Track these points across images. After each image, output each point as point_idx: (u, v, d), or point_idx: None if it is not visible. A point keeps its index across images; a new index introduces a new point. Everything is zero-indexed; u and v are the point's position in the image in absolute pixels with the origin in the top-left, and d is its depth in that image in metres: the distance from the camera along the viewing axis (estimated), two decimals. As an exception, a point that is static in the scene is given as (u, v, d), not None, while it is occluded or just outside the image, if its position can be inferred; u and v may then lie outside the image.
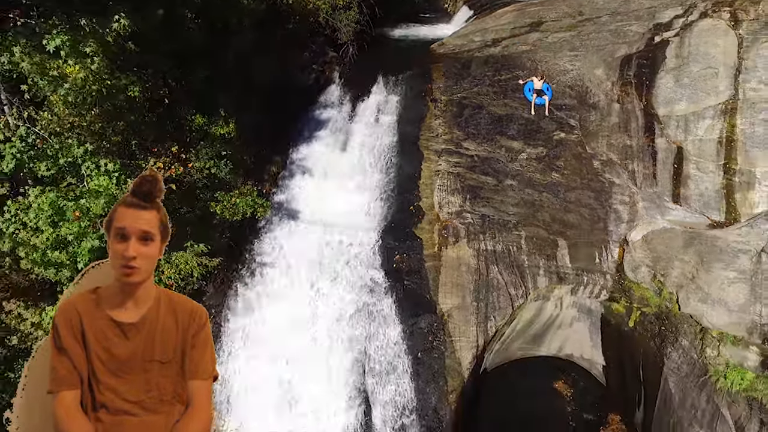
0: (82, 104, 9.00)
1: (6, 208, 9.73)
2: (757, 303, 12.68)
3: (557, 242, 14.06)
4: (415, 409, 12.17)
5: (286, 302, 12.61)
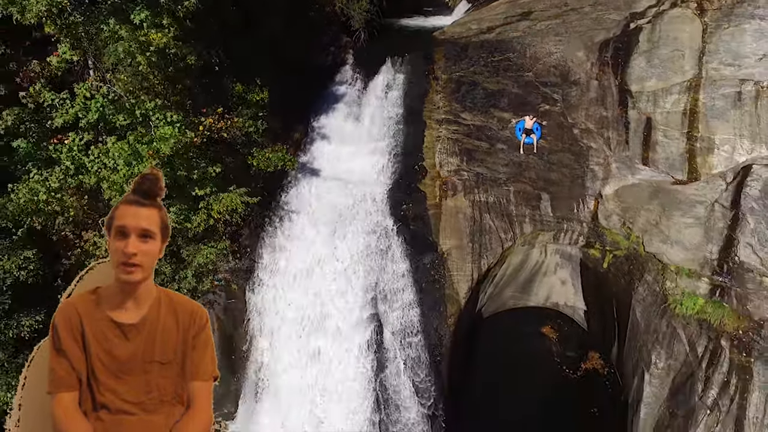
0: (163, 65, 11.36)
1: (90, 151, 12.13)
2: (709, 243, 14.97)
3: (541, 196, 16.41)
4: (419, 330, 14.51)
5: (310, 242, 14.95)
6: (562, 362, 17.85)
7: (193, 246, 13.95)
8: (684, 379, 14.12)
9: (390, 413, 13.71)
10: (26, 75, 11.43)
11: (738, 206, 15.17)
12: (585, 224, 16.24)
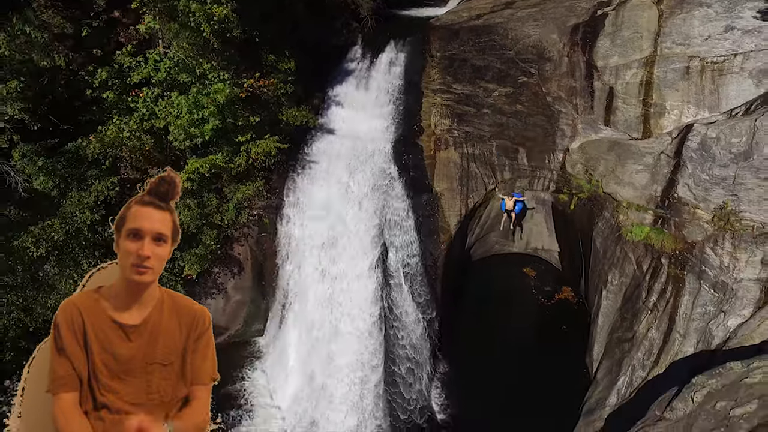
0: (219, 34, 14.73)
1: (159, 102, 15.55)
2: (655, 184, 18.28)
3: (518, 149, 19.78)
4: (417, 253, 17.85)
5: (327, 184, 18.29)
6: (539, 294, 21.18)
7: (233, 185, 17.35)
8: (632, 290, 17.42)
9: (394, 318, 17.05)
10: (127, 37, 14.83)
11: (680, 156, 18.46)
12: (555, 172, 19.59)
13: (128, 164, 15.35)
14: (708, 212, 17.39)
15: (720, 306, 16.08)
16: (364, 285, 17.06)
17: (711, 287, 16.37)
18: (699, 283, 16.53)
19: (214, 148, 16.51)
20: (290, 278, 17.94)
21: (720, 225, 17.14)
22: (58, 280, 14.25)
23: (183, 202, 16.35)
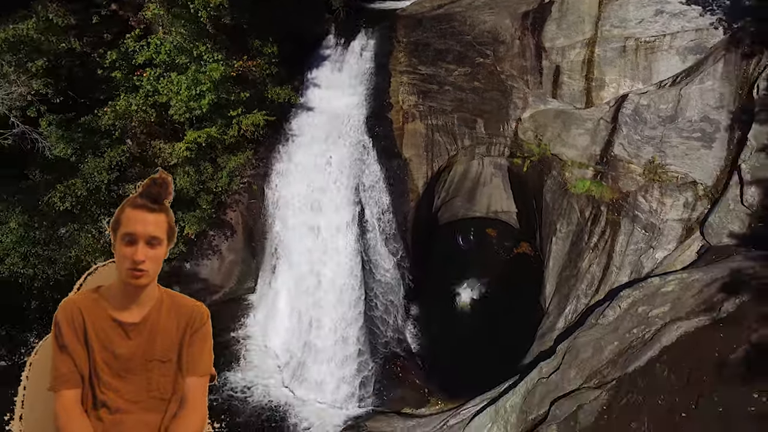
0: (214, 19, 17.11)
1: (161, 80, 17.88)
2: (594, 145, 21.03)
3: (476, 120, 22.44)
4: (390, 210, 20.36)
5: (309, 153, 20.70)
6: (500, 249, 23.85)
7: (226, 155, 19.71)
8: (577, 235, 20.12)
9: (371, 265, 19.52)
10: (137, 21, 17.14)
11: (616, 121, 21.23)
12: (509, 139, 22.29)
13: (134, 136, 17.60)
14: (640, 166, 20.16)
15: (650, 242, 18.83)
16: (344, 238, 19.49)
17: (642, 228, 19.12)
18: (632, 225, 19.28)
19: (208, 123, 18.85)
20: (278, 237, 20.29)
21: (650, 177, 19.92)
22: (78, 235, 16.48)
23: (183, 169, 18.65)
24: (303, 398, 17.42)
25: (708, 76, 21.06)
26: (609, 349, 14.47)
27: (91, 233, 16.57)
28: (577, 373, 14.26)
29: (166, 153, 18.33)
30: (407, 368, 18.71)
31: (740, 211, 17.84)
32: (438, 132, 21.95)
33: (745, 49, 20.76)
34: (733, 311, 14.14)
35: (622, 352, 14.31)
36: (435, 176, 21.73)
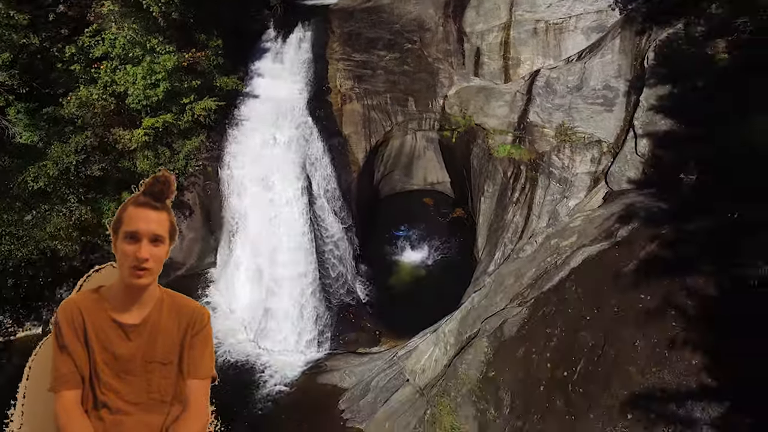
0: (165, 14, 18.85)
1: (117, 71, 19.55)
2: (512, 113, 23.75)
3: (408, 99, 24.87)
4: (334, 181, 22.53)
5: (258, 135, 22.66)
6: (437, 216, 26.33)
7: (181, 140, 21.48)
8: (501, 192, 22.75)
9: (321, 229, 21.63)
10: (95, 16, 18.74)
11: (530, 92, 24.00)
12: (437, 114, 24.81)
13: (96, 123, 19.17)
14: (552, 130, 22.95)
15: (563, 193, 21.59)
16: (295, 208, 21.52)
17: (557, 181, 21.88)
18: (548, 180, 22.02)
19: (163, 110, 20.60)
20: (234, 213, 22.15)
21: (561, 138, 22.72)
22: (49, 215, 17.96)
23: (142, 153, 20.32)
24: (268, 348, 19.34)
25: (608, 50, 23.97)
26: (528, 276, 17.03)
27: (62, 213, 18.08)
28: (502, 297, 16.75)
29: (125, 139, 19.95)
30: (359, 315, 20.90)
31: (635, 161, 20.78)
32: (373, 111, 24.27)
33: (638, 26, 23.80)
34: (626, 235, 16.92)
35: (539, 277, 16.88)
36: (373, 150, 24.01)
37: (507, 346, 15.20)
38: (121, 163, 19.97)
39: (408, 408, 15.61)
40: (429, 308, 19.46)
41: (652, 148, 20.48)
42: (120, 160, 20.24)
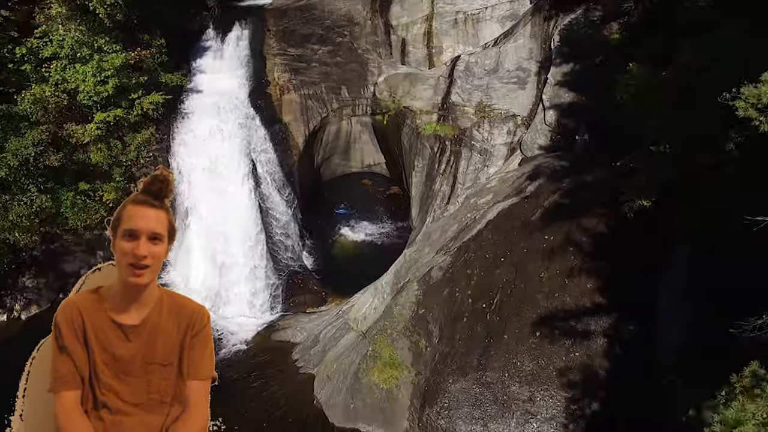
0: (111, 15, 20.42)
1: (67, 70, 21.07)
2: (436, 95, 26.24)
3: (341, 87, 27.09)
4: (277, 164, 24.54)
5: (204, 124, 24.43)
6: (376, 194, 28.64)
7: (132, 133, 23.10)
8: (430, 166, 25.19)
9: (268, 207, 23.60)
10: (45, 17, 20.17)
11: (452, 76, 26.56)
12: (369, 99, 27.12)
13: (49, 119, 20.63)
14: (472, 108, 25.54)
15: (484, 163, 24.19)
16: (242, 190, 23.40)
17: (478, 153, 24.47)
18: (471, 152, 24.59)
19: (113, 106, 22.19)
20: (185, 197, 23.84)
21: (480, 115, 25.35)
22: (11, 204, 19.35)
23: (96, 146, 21.82)
24: (225, 316, 21.18)
25: (520, 36, 26.72)
26: (451, 230, 19.46)
27: (23, 202, 19.49)
28: (429, 250, 19.13)
29: (78, 133, 21.44)
30: (306, 280, 22.94)
31: (544, 129, 23.54)
32: (310, 99, 26.40)
33: (546, 13, 26.61)
34: (534, 190, 19.56)
35: (461, 231, 19.34)
36: (312, 135, 26.13)
37: (434, 288, 17.56)
38: (76, 155, 21.45)
39: (352, 349, 17.77)
40: (370, 272, 21.62)
41: (557, 118, 23.29)
42: (75, 153, 21.70)
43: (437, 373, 16.20)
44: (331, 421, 16.86)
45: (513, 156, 24.20)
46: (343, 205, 27.46)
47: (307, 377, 18.22)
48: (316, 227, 25.90)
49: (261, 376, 18.26)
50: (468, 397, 15.73)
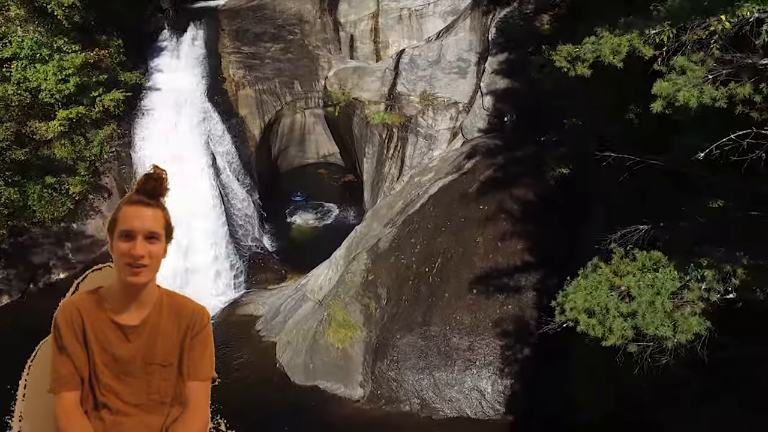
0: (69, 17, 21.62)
1: (28, 69, 22.20)
2: (384, 87, 28.06)
3: (294, 82, 28.71)
4: (236, 156, 26.03)
5: (164, 120, 25.75)
6: (331, 181, 30.35)
7: (94, 130, 24.33)
8: (380, 152, 27.00)
9: (228, 195, 25.09)
10: (4, 18, 21.24)
11: (398, 68, 28.42)
12: (321, 92, 28.82)
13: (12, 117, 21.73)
14: (417, 97, 27.43)
15: (429, 146, 26.10)
16: (203, 180, 24.83)
17: (423, 138, 26.38)
18: (416, 137, 26.48)
19: (74, 104, 23.39)
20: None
21: (425, 103, 27.25)
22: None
23: (59, 142, 22.97)
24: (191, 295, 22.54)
25: (461, 29, 28.70)
26: (398, 206, 21.30)
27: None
28: (377, 224, 20.92)
29: (42, 130, 22.57)
30: (267, 260, 24.50)
31: (482, 114, 25.55)
32: (264, 94, 27.96)
33: (484, 8, 28.62)
34: (471, 167, 21.52)
35: (406, 206, 21.19)
36: (268, 128, 27.70)
37: (382, 256, 19.35)
38: (40, 151, 22.58)
39: (310, 316, 19.43)
40: (326, 251, 23.23)
41: (493, 103, 25.31)
42: (39, 148, 22.82)
43: (386, 330, 17.99)
44: (293, 380, 18.49)
45: (455, 139, 26.16)
46: (300, 193, 29.08)
47: (269, 344, 19.81)
48: (274, 214, 27.46)
49: (227, 345, 19.74)
50: (414, 350, 17.56)
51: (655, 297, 9.37)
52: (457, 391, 17.10)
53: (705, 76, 8.69)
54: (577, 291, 9.98)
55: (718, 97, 8.50)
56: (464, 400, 17.04)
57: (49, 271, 23.93)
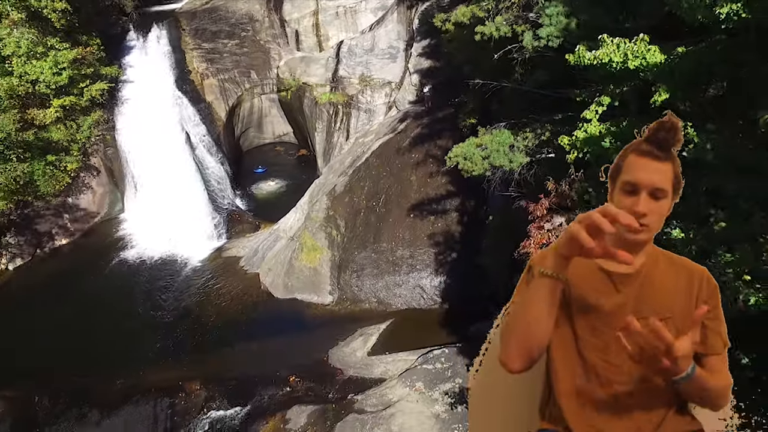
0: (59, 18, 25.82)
1: (27, 65, 26.29)
2: (328, 72, 33.28)
3: (250, 71, 33.55)
4: (207, 134, 30.70)
5: (143, 107, 30.09)
6: (287, 156, 35.33)
7: (83, 116, 28.55)
8: (328, 126, 32.20)
9: (204, 167, 29.73)
10: (10, 21, 25.21)
11: (338, 56, 33.67)
12: (274, 80, 33.78)
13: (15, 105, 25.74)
14: (356, 79, 32.77)
15: (369, 119, 31.47)
16: (180, 155, 29.38)
17: (364, 112, 31.73)
18: (359, 112, 31.80)
19: (65, 95, 27.56)
20: (133, 166, 29.46)
21: (363, 84, 32.62)
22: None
23: (55, 127, 27.12)
24: (183, 245, 27.14)
25: (390, 22, 34.11)
26: (348, 161, 26.55)
27: (7, 169, 24.62)
28: (333, 176, 26.11)
29: (40, 116, 26.64)
30: (242, 215, 29.28)
31: (411, 89, 31.11)
32: (226, 82, 32.72)
33: (408, 3, 34.09)
34: (403, 128, 26.98)
35: (354, 160, 26.46)
36: (231, 111, 32.46)
37: (339, 197, 24.56)
38: (40, 134, 26.67)
39: (285, 249, 24.43)
40: (290, 205, 28.25)
41: (419, 79, 30.94)
42: (40, 132, 26.89)
43: (346, 250, 23.20)
44: (275, 296, 23.43)
45: (390, 112, 31.67)
46: (260, 166, 33.91)
47: (253, 275, 24.68)
48: (242, 186, 32.26)
49: (218, 280, 24.48)
50: (369, 262, 22.84)
51: (499, 146, 15.35)
52: (404, 289, 22.50)
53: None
54: (457, 149, 16.00)
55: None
56: (410, 296, 22.45)
57: (53, 238, 27.97)
